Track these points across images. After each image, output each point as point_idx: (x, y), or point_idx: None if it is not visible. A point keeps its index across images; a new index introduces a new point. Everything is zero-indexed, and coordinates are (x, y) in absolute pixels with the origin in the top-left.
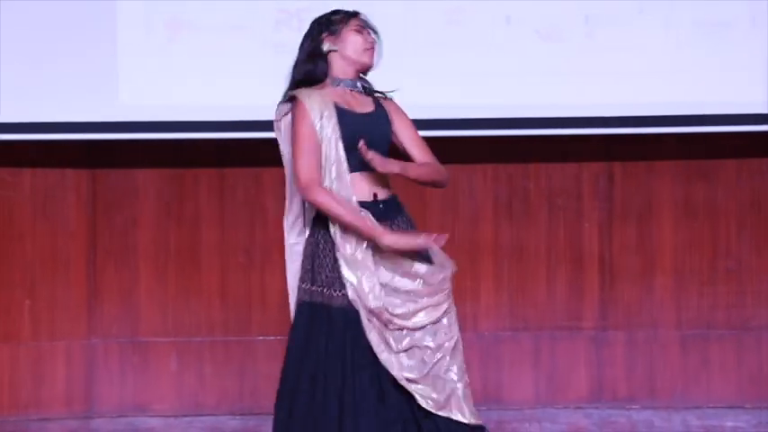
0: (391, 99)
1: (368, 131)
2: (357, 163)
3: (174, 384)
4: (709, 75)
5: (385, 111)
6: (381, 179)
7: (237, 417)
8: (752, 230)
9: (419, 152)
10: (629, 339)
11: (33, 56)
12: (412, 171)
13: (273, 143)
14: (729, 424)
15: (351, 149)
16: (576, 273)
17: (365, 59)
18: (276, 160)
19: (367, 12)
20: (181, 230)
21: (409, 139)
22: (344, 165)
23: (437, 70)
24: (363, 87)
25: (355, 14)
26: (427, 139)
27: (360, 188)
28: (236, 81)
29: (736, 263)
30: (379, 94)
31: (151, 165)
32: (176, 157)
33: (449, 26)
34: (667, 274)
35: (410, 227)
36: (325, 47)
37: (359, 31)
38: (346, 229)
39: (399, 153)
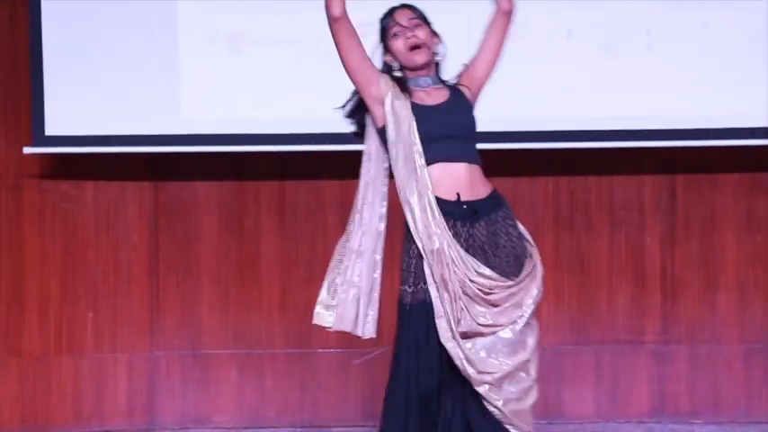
0: (459, 76)
1: (443, 120)
2: (436, 154)
3: (234, 396)
4: None
5: (460, 91)
6: (467, 173)
7: (298, 429)
8: None
9: (485, 43)
10: (692, 354)
11: (97, 71)
12: None
13: (333, 156)
14: None
15: (428, 142)
16: (637, 287)
17: (414, 60)
18: (337, 173)
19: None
20: (242, 243)
21: (480, 60)
22: (422, 159)
23: (498, 83)
24: (438, 80)
25: (391, 13)
26: (487, 152)
27: (440, 184)
28: (295, 94)
29: None
30: (449, 82)
31: (212, 177)
32: (237, 169)
33: (510, 39)
34: (730, 289)
35: (507, 222)
36: (389, 62)
37: (398, 35)
38: None
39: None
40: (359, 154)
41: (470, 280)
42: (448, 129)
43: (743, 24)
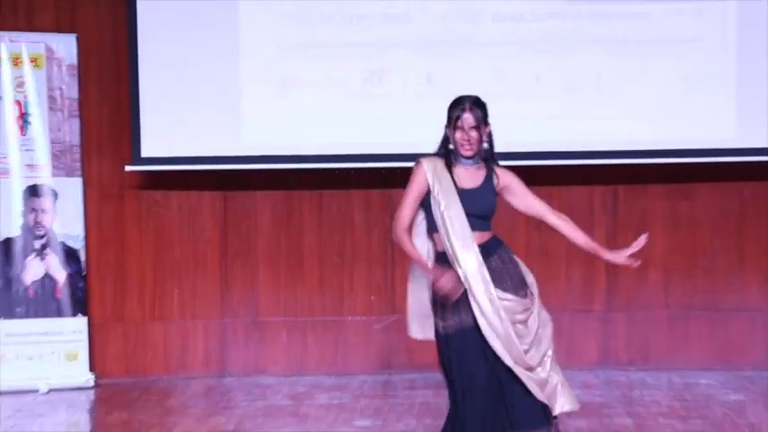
0: (507, 171)
1: (470, 203)
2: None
3: (284, 352)
4: (691, 118)
5: (491, 183)
6: (479, 240)
7: (332, 376)
8: (723, 238)
9: (535, 204)
10: (628, 318)
11: (180, 109)
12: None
13: (359, 172)
14: (703, 381)
15: (468, 217)
16: (587, 269)
17: (462, 152)
18: (362, 185)
19: (430, 70)
20: (289, 237)
21: (523, 197)
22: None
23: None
24: (482, 159)
25: (461, 112)
26: None
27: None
28: (328, 124)
29: (711, 262)
30: (492, 162)
31: (266, 188)
32: (286, 182)
33: (493, 81)
34: (658, 270)
35: (506, 260)
36: (448, 135)
37: (458, 129)
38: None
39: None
40: (380, 170)
41: None
42: (473, 209)
43: (673, 68)
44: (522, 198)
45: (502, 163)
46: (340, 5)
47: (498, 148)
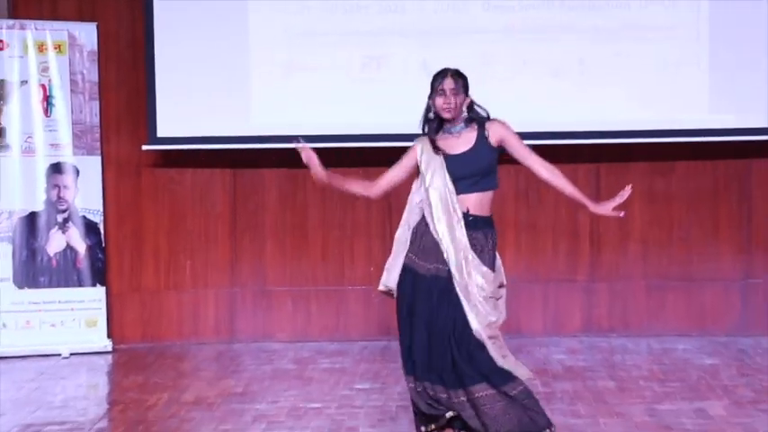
0: (495, 121)
1: (460, 167)
2: (462, 189)
3: (289, 320)
4: (667, 101)
5: (485, 137)
6: (477, 203)
7: (334, 342)
8: (697, 212)
9: (526, 155)
10: (610, 288)
11: (193, 93)
12: None
13: (357, 151)
14: (680, 347)
15: (455, 181)
16: (572, 241)
17: (443, 115)
18: (361, 162)
19: (425, 57)
20: (294, 212)
21: (516, 149)
22: (454, 197)
23: (478, 98)
24: (466, 120)
25: (442, 78)
26: None
27: (461, 204)
28: (333, 106)
29: (686, 234)
30: (482, 119)
31: (273, 166)
32: (290, 160)
33: (484, 66)
34: (637, 243)
35: (487, 241)
36: (431, 105)
37: (439, 94)
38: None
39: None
40: (378, 149)
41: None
42: (465, 172)
43: (650, 54)
44: (517, 150)
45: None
46: None
47: None
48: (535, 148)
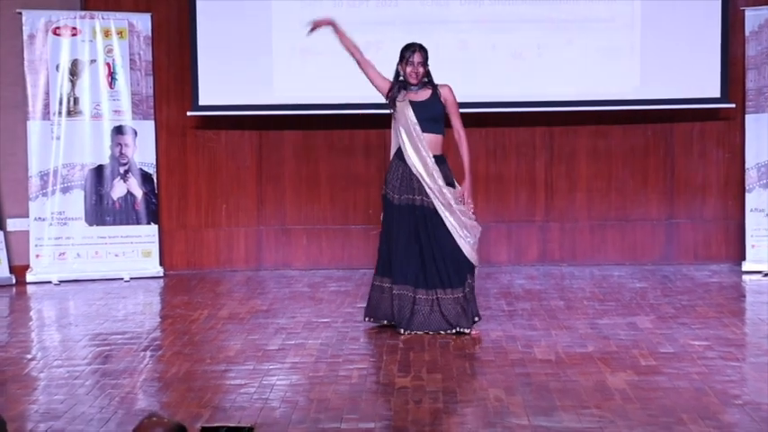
0: (446, 86)
1: (424, 110)
2: (425, 128)
3: (304, 252)
4: (606, 78)
5: (438, 95)
6: (430, 142)
7: (341, 270)
8: (631, 166)
9: (454, 117)
10: (561, 227)
11: (229, 68)
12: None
13: (358, 117)
14: (616, 273)
15: (420, 121)
16: (531, 190)
17: (410, 80)
18: (362, 126)
19: (410, 39)
20: (308, 166)
21: (450, 108)
22: (418, 128)
23: (454, 77)
24: (424, 83)
25: (412, 52)
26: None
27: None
28: (339, 81)
29: (622, 184)
30: (435, 84)
31: (292, 128)
32: (306, 123)
33: (458, 50)
34: (583, 191)
35: (448, 173)
36: (400, 71)
37: (409, 64)
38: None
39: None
40: (376, 116)
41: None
42: (425, 115)
43: (593, 40)
44: (450, 108)
45: (465, 111)
46: None
47: (463, 99)
48: (502, 115)
